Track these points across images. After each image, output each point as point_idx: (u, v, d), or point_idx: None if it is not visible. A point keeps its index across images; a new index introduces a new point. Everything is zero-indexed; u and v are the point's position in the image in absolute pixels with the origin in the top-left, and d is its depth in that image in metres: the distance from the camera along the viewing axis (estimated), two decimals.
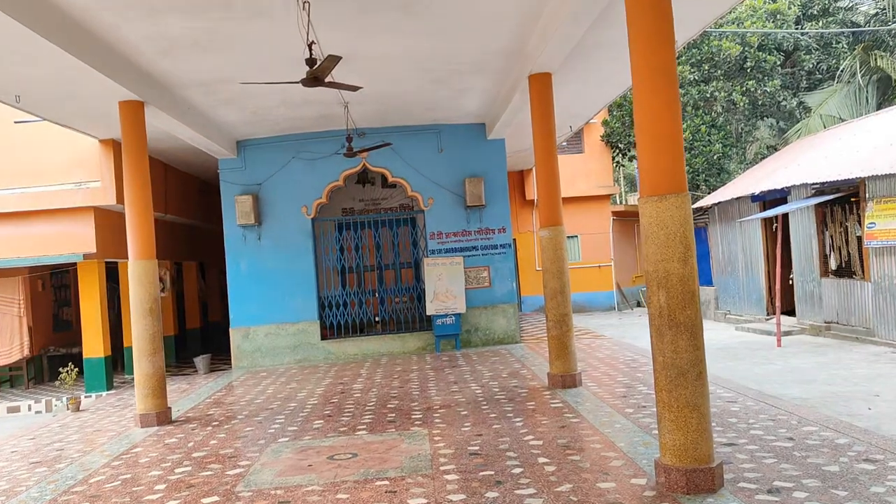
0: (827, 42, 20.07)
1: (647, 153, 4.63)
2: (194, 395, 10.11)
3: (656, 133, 4.58)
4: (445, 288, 12.15)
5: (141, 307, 8.12)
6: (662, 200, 4.53)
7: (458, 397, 8.15)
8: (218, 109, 10.25)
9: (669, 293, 4.51)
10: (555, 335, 8.25)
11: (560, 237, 8.29)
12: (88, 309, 11.72)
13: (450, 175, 12.59)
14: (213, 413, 8.51)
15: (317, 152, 12.26)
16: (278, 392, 9.60)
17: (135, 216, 8.16)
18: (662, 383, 4.56)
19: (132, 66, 7.85)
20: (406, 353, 12.44)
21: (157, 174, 13.55)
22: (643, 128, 4.67)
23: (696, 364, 4.51)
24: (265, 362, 12.37)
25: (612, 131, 20.40)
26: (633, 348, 11.34)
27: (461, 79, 9.74)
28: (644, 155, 4.66)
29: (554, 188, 8.37)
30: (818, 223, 12.40)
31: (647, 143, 4.62)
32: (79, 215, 11.49)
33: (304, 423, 7.48)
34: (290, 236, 12.50)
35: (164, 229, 14.54)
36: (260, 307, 12.43)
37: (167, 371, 13.46)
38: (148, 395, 8.08)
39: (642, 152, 4.67)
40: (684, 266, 4.51)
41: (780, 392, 7.83)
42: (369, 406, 8.08)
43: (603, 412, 6.84)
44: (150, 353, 8.14)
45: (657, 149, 4.57)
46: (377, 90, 10.00)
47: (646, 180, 4.63)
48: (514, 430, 6.37)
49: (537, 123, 8.39)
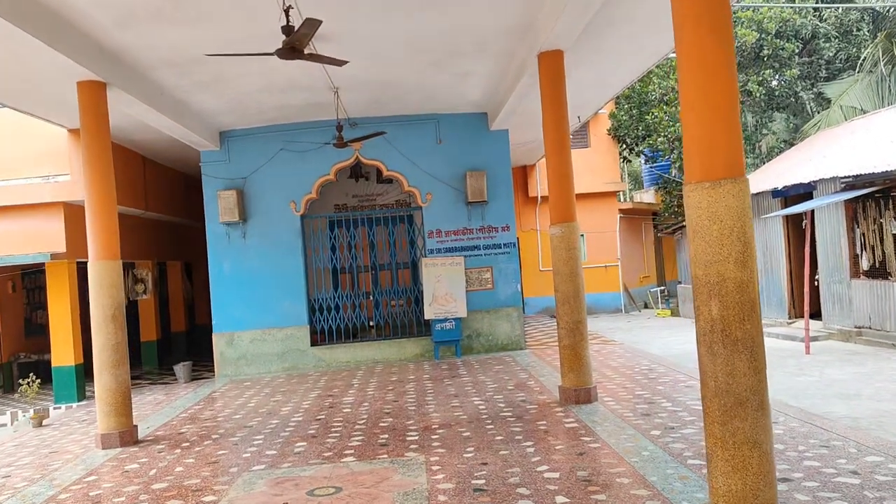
0: (847, 30, 19.12)
1: (696, 126, 3.73)
2: (169, 408, 9.21)
3: (709, 102, 3.68)
4: (445, 290, 11.24)
5: (102, 314, 7.21)
6: (716, 187, 3.64)
7: (460, 414, 7.25)
8: (194, 95, 9.34)
9: (724, 303, 3.62)
10: (567, 344, 7.35)
11: (573, 235, 7.40)
12: (58, 313, 10.80)
13: (449, 169, 11.69)
14: (185, 431, 7.61)
15: (306, 144, 11.35)
16: (261, 405, 8.71)
17: (95, 211, 7.26)
18: (715, 414, 3.67)
19: (89, 40, 6.95)
20: (403, 360, 11.54)
21: (134, 168, 12.67)
22: (690, 97, 3.77)
23: (758, 391, 3.62)
24: (250, 370, 11.47)
25: (620, 124, 19.49)
26: (649, 356, 10.45)
27: (461, 61, 8.84)
28: (692, 130, 3.76)
29: (566, 180, 7.47)
30: (848, 220, 11.49)
31: (697, 114, 3.72)
32: (47, 211, 10.59)
33: (285, 445, 6.58)
34: (278, 234, 11.60)
35: (144, 227, 13.65)
36: (245, 311, 11.53)
37: (146, 379, 12.64)
38: (110, 413, 7.18)
39: (691, 127, 3.77)
40: (743, 269, 3.62)
41: (824, 410, 6.94)
42: (359, 424, 7.19)
43: (625, 435, 5.95)
44: (113, 365, 7.24)
45: (710, 120, 3.68)
46: (369, 75, 9.11)
47: (695, 162, 3.73)
48: (524, 458, 5.48)
49: (548, 107, 7.49)
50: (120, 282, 7.35)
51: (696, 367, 9.48)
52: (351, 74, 9.02)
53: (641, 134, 19.31)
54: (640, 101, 19.10)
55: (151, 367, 14.22)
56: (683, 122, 3.84)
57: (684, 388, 7.76)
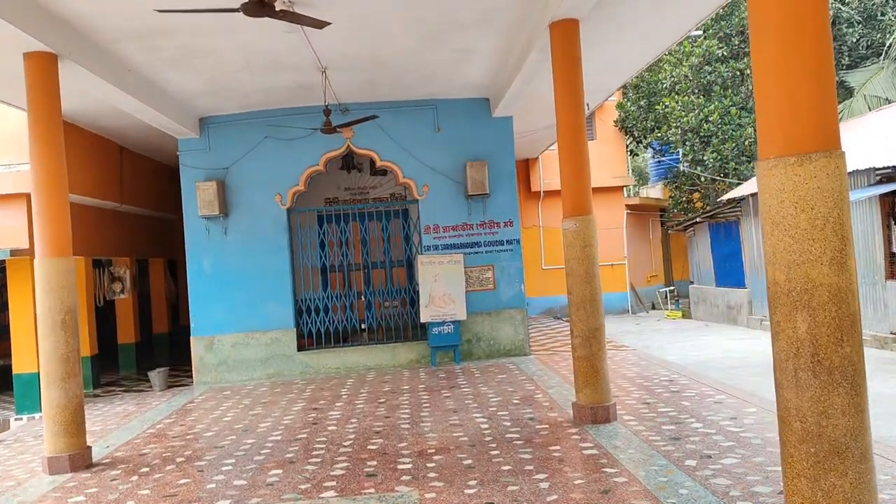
0: (871, 14, 18.13)
1: (777, 83, 2.81)
2: (137, 421, 8.29)
3: (798, 49, 2.76)
4: (442, 291, 10.32)
5: (50, 319, 6.29)
6: (804, 163, 2.72)
7: (459, 434, 6.34)
8: (166, 73, 8.41)
9: (815, 318, 2.72)
10: (582, 355, 6.44)
11: (589, 229, 6.50)
12: (19, 315, 9.88)
13: (448, 159, 10.75)
14: (148, 452, 6.69)
15: (293, 131, 10.41)
16: (238, 420, 7.80)
17: (43, 200, 6.34)
18: (801, 466, 2.76)
19: (36, 4, 6.02)
20: (397, 366, 10.62)
21: (109, 157, 11.75)
22: (770, 46, 2.84)
23: (860, 435, 2.72)
24: (232, 377, 10.55)
25: (628, 115, 18.55)
26: (666, 364, 9.55)
27: (463, 35, 7.91)
28: (771, 87, 2.84)
29: (582, 168, 6.56)
30: (883, 216, 10.58)
31: (781, 65, 2.80)
32: (7, 203, 9.69)
33: (258, 473, 5.67)
34: (262, 229, 10.67)
35: (121, 222, 12.72)
36: (226, 312, 10.60)
37: (120, 386, 11.70)
38: (59, 434, 6.25)
39: (769, 83, 2.85)
40: (840, 272, 2.71)
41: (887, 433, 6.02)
42: (345, 446, 6.27)
43: (655, 466, 5.04)
44: (63, 378, 6.30)
45: (798, 74, 2.75)
46: (360, 50, 8.19)
47: (775, 130, 2.82)
48: (537, 496, 4.57)
49: (561, 84, 6.57)
50: (71, 282, 6.42)
51: (721, 378, 8.58)
52: (340, 51, 8.11)
53: (650, 126, 18.37)
54: (650, 90, 18.16)
55: (129, 371, 13.29)
56: (757, 78, 2.92)
57: (713, 403, 6.87)
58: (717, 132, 16.86)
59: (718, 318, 16.42)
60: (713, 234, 16.88)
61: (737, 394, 7.29)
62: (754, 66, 2.93)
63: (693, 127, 17.07)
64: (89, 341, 11.44)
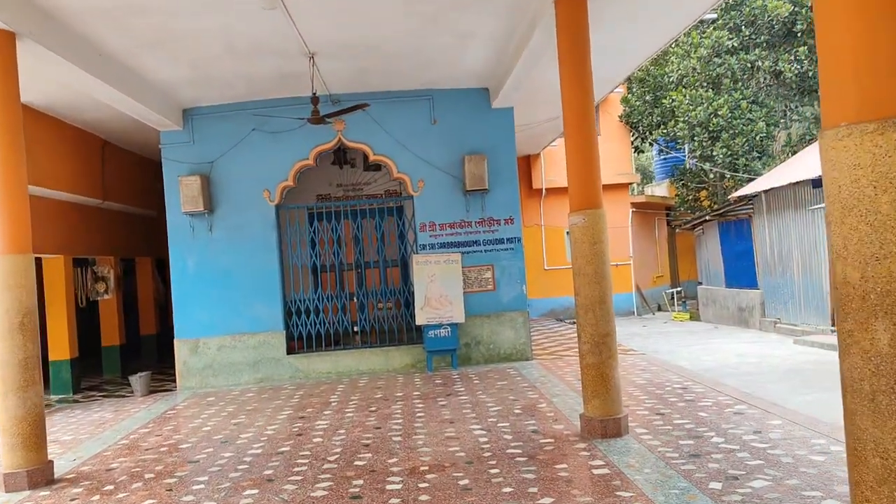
0: None
1: (850, 31, 2.24)
2: (112, 430, 7.72)
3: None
4: (439, 292, 9.74)
5: (7, 322, 5.72)
6: (886, 130, 2.15)
7: (455, 449, 5.77)
8: (143, 59, 7.85)
9: None
10: (591, 363, 5.87)
11: (599, 225, 5.93)
12: None
13: (445, 152, 10.18)
14: (116, 467, 6.12)
15: (282, 123, 9.84)
16: (218, 430, 7.24)
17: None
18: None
19: None
20: (390, 371, 10.05)
21: (91, 152, 11.19)
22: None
23: None
24: (218, 382, 9.98)
25: (633, 110, 17.97)
26: (678, 369, 8.97)
27: (461, 18, 7.35)
28: (839, 36, 2.27)
29: (591, 157, 6.01)
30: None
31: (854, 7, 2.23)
32: None
33: (231, 493, 5.10)
34: (250, 227, 10.11)
35: (105, 219, 12.15)
36: (212, 314, 10.04)
37: (102, 391, 11.13)
38: (17, 447, 5.69)
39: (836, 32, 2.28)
40: None
41: None
42: (329, 462, 5.71)
43: (676, 489, 4.46)
44: (21, 386, 5.74)
45: (881, 16, 2.18)
46: (351, 36, 7.65)
47: (847, 90, 2.25)
48: None
49: (567, 67, 6.00)
50: (30, 281, 5.86)
51: (738, 385, 7.98)
52: (328, 37, 7.59)
53: (656, 121, 17.78)
54: (656, 84, 17.57)
55: (114, 374, 12.73)
56: (820, 25, 2.34)
57: (733, 415, 6.29)
58: (728, 127, 16.25)
59: (728, 320, 15.84)
60: (723, 233, 16.30)
61: (757, 403, 6.72)
62: (816, 9, 2.36)
63: (701, 121, 16.47)
64: (69, 344, 10.90)
